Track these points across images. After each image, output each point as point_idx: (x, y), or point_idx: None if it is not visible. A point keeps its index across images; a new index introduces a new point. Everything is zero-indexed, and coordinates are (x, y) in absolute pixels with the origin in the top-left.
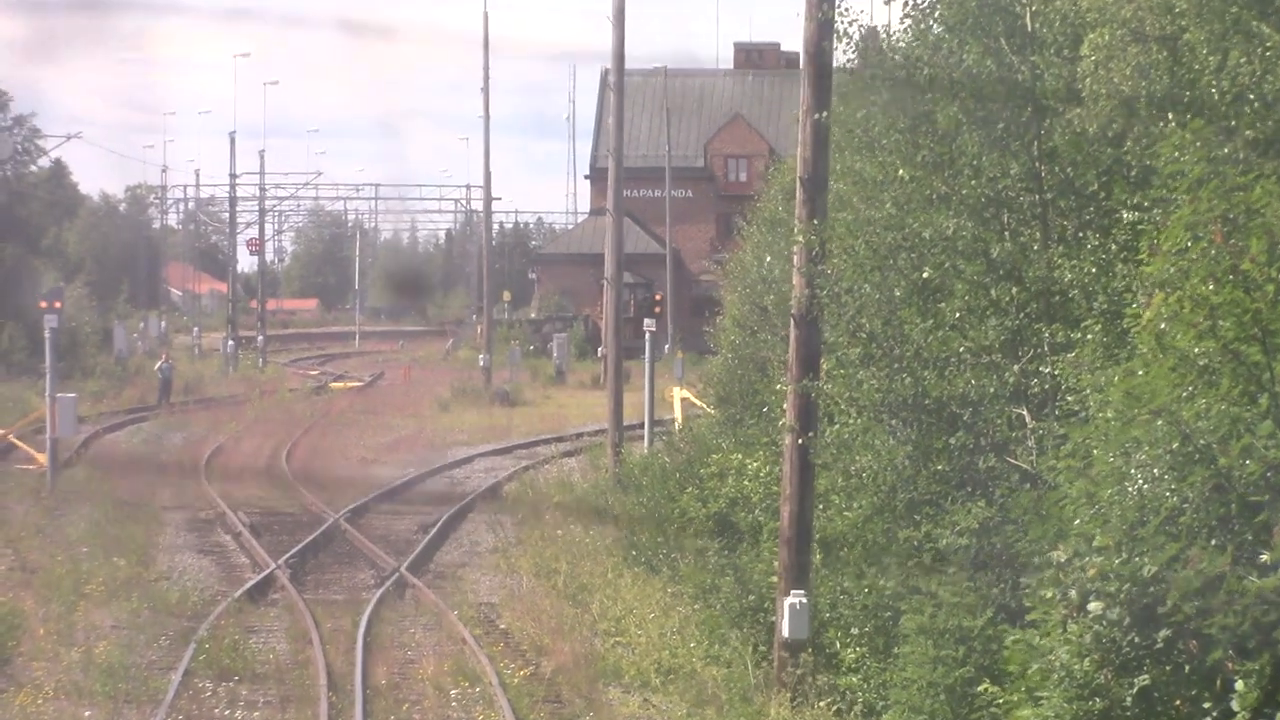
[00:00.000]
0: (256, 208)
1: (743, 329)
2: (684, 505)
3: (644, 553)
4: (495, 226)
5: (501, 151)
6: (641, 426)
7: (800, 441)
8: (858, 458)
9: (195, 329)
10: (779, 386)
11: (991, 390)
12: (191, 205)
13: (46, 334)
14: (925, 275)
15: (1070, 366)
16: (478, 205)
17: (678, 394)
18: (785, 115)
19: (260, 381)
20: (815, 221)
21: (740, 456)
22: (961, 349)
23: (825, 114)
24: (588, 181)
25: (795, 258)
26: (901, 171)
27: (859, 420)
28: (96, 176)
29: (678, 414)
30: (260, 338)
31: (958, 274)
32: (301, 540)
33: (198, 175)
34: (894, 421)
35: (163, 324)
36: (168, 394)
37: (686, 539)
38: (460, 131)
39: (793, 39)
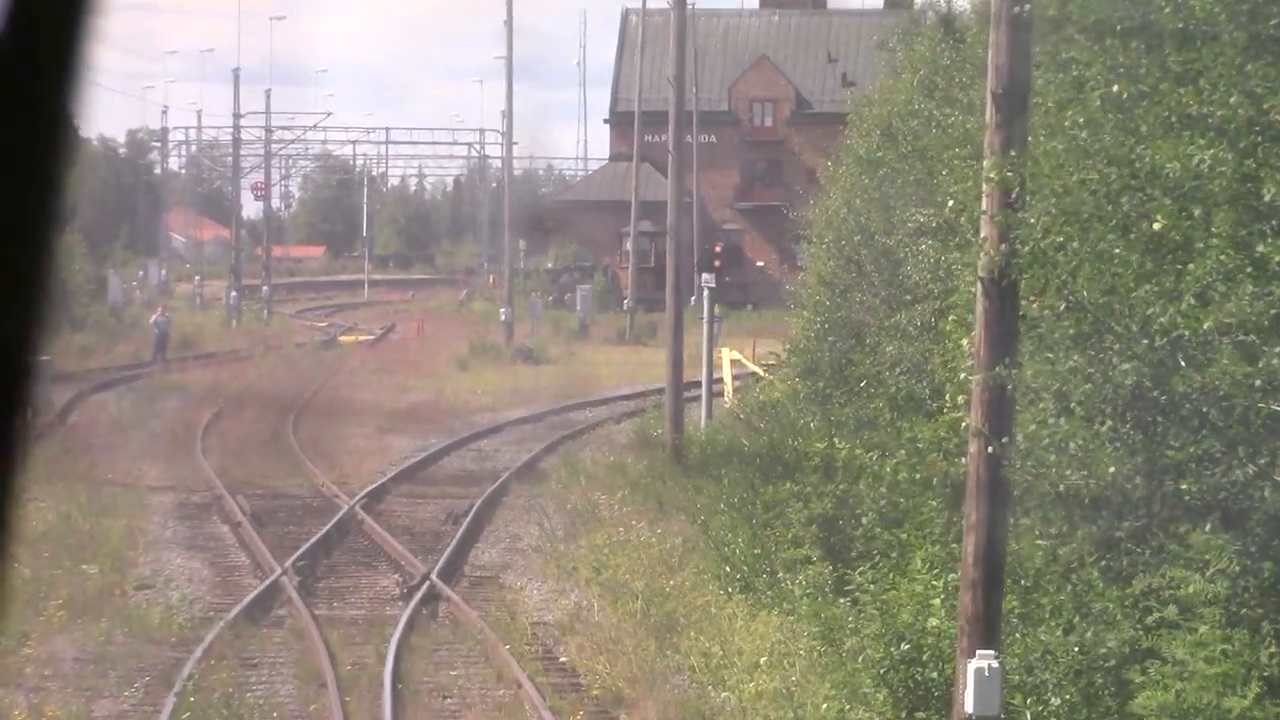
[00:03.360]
0: (262, 151)
1: (830, 288)
2: (769, 499)
3: (738, 567)
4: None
5: (503, 100)
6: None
7: (991, 450)
8: (1068, 472)
9: (197, 278)
10: (962, 376)
11: (1256, 383)
12: (194, 149)
13: None
14: (1156, 227)
15: None
16: (491, 151)
17: (727, 356)
18: (813, 57)
19: (265, 335)
20: (1013, 153)
21: (846, 446)
22: (1208, 326)
23: (1027, 5)
24: (606, 127)
25: (985, 201)
26: (1117, 88)
27: (1066, 422)
28: (97, 121)
29: (728, 380)
30: (265, 287)
31: (1206, 225)
32: (312, 533)
33: (199, 117)
34: (1111, 424)
35: (163, 272)
36: (164, 350)
37: (783, 548)
38: (469, 79)
39: None
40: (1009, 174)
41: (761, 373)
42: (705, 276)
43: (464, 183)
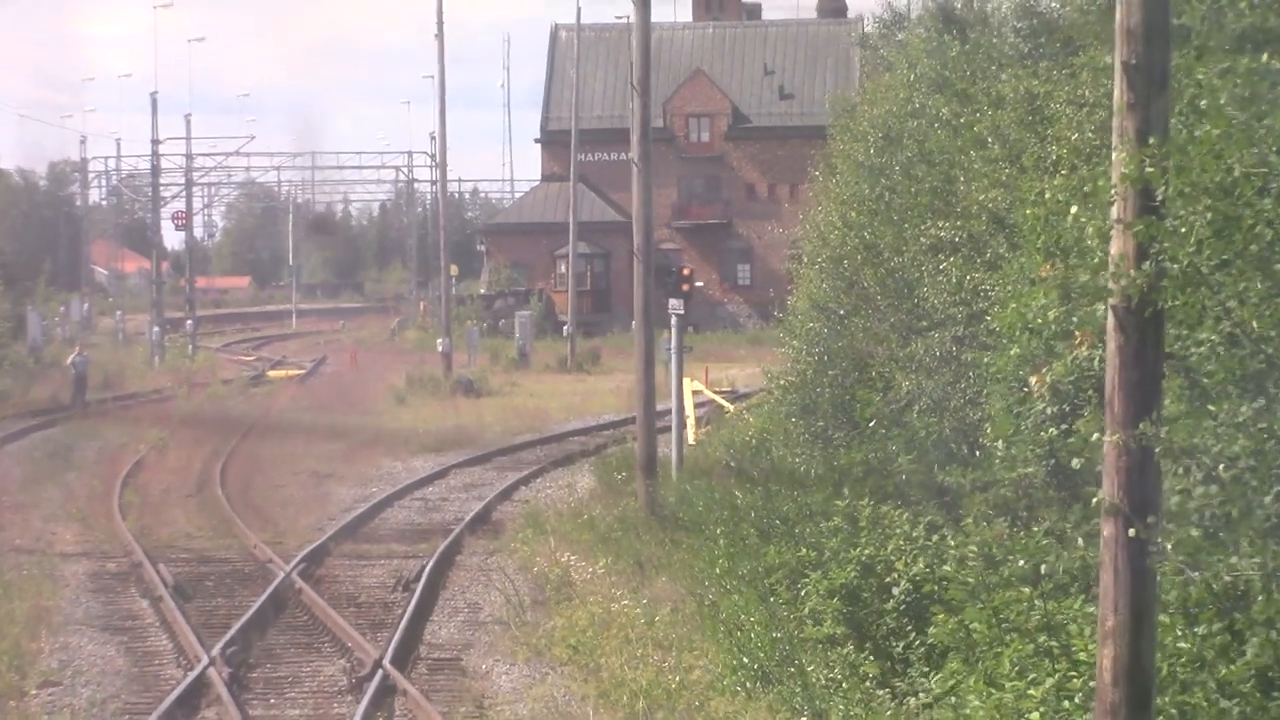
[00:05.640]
0: (183, 180)
1: (827, 314)
2: (773, 561)
3: (754, 655)
4: (432, 197)
5: (428, 124)
6: (629, 423)
7: (1133, 533)
8: (1234, 559)
9: (119, 312)
10: (1094, 436)
11: None
12: (114, 179)
13: None
14: None
15: None
16: (419, 174)
17: (688, 387)
18: (749, 69)
19: (190, 372)
20: (1152, 142)
21: (869, 503)
22: None
23: None
24: (530, 150)
25: (1116, 207)
26: (1268, 58)
27: (1219, 493)
28: (17, 154)
29: (690, 414)
30: (190, 321)
31: None
32: (244, 608)
33: (119, 145)
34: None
35: (85, 307)
36: (83, 392)
37: (800, 624)
38: (393, 104)
39: None
40: (1149, 169)
41: (726, 405)
42: (673, 302)
43: (390, 208)
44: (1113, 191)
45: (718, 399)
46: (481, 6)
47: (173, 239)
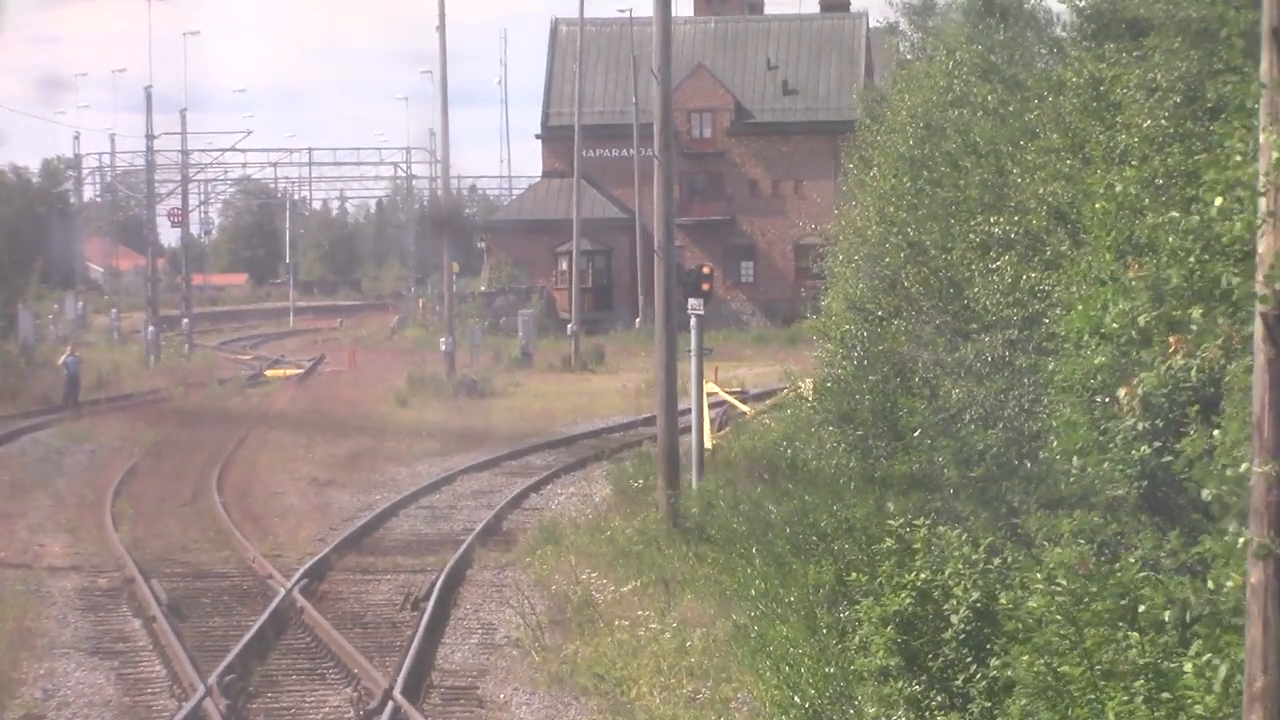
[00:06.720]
0: (179, 176)
1: (864, 315)
2: (815, 580)
3: (805, 693)
4: (429, 194)
5: (426, 121)
6: (640, 425)
7: None
8: None
9: (114, 310)
10: (1243, 467)
11: None
12: (109, 175)
13: None
14: None
15: None
16: (417, 170)
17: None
18: (751, 64)
19: (186, 371)
20: None
21: (925, 524)
22: None
23: None
24: (526, 146)
25: (1266, 199)
26: None
27: None
28: (10, 149)
29: (706, 417)
30: (186, 319)
31: None
32: (242, 629)
33: (113, 141)
34: None
35: (80, 305)
36: (75, 393)
37: (849, 655)
38: (390, 100)
39: None
40: None
41: (742, 407)
42: (693, 302)
43: (387, 205)
44: (1262, 181)
45: (733, 401)
46: (476, 2)
47: (168, 236)
